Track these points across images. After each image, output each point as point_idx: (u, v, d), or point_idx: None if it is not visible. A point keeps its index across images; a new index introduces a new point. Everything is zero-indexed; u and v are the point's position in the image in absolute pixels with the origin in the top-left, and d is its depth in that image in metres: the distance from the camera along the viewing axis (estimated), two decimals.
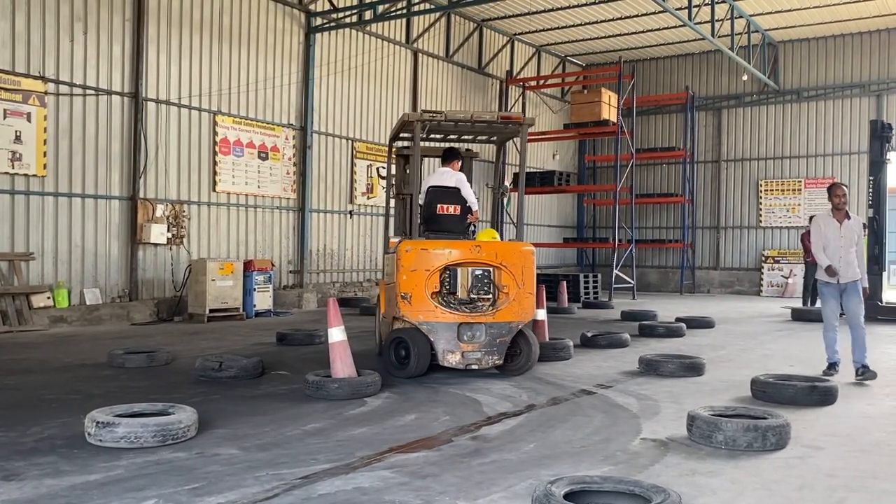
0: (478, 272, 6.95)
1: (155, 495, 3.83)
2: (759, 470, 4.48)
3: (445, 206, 7.56)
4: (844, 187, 7.95)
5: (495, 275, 7.04)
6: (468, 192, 7.95)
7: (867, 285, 8.12)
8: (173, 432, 4.82)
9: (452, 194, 7.76)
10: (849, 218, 7.88)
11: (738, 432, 4.86)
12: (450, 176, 7.86)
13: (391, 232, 9.45)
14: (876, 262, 14.20)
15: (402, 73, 18.83)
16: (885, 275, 14.84)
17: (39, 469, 4.23)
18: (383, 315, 8.11)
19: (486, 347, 6.80)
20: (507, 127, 7.94)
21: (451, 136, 8.97)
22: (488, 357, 6.85)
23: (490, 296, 7.02)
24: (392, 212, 9.77)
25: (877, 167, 14.17)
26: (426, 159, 10.38)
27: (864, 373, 7.48)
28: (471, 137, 9.12)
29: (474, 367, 6.83)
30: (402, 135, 8.67)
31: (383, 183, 18.12)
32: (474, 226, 8.12)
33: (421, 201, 7.86)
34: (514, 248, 7.21)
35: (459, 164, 8.27)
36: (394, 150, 9.37)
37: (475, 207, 8.05)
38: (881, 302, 14.27)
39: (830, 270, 7.65)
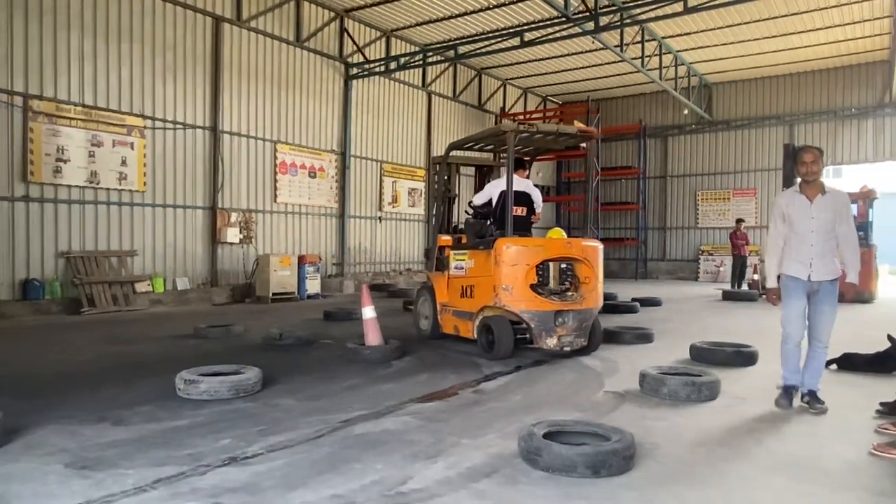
0: (563, 265, 6.46)
1: (230, 436, 3.89)
2: (696, 416, 4.51)
3: (515, 209, 6.83)
4: (818, 151, 4.72)
5: (576, 268, 6.54)
6: (537, 196, 7.43)
7: (855, 280, 4.71)
8: (244, 387, 4.89)
9: (522, 198, 7.13)
10: (824, 193, 4.63)
11: (679, 386, 4.90)
12: (519, 182, 7.07)
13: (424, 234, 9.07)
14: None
15: (419, 110, 18.83)
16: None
17: (141, 416, 4.30)
18: (443, 303, 7.46)
19: (575, 331, 6.26)
20: (581, 139, 7.51)
21: (528, 146, 8.11)
22: (577, 340, 6.33)
23: (571, 286, 6.50)
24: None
25: (788, 181, 14.06)
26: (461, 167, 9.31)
27: (811, 402, 4.65)
28: (531, 149, 8.24)
29: (567, 348, 6.31)
30: (486, 146, 8.09)
31: (408, 194, 18.33)
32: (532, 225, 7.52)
33: (479, 203, 7.42)
34: (591, 245, 6.63)
35: (526, 172, 7.68)
36: (439, 160, 8.65)
37: (539, 210, 7.52)
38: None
39: (771, 295, 4.92)
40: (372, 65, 16.19)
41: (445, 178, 8.32)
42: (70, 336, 8.13)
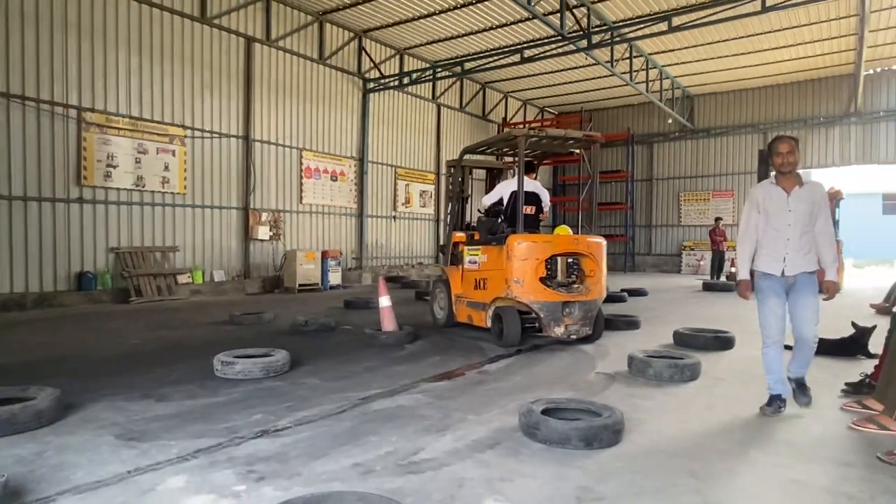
0: (569, 260, 6.26)
1: (261, 411, 3.91)
2: (678, 394, 4.50)
3: (525, 207, 6.63)
4: (793, 140, 4.07)
5: (581, 262, 6.33)
6: (545, 196, 7.22)
7: (835, 278, 4.12)
8: (274, 368, 4.91)
9: (531, 198, 6.92)
10: (802, 185, 4.02)
11: (664, 368, 4.89)
12: (528, 183, 6.82)
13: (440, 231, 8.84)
14: None
15: (429, 120, 18.80)
16: None
17: (181, 394, 4.33)
18: (457, 294, 7.32)
19: (581, 321, 6.09)
20: (588, 143, 7.15)
21: (536, 150, 7.85)
22: (582, 328, 6.14)
23: (577, 279, 6.30)
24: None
25: (762, 181, 14.02)
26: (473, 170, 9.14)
27: (796, 393, 4.12)
28: (539, 152, 8.02)
29: (574, 336, 6.13)
30: (498, 149, 7.96)
31: (420, 196, 18.34)
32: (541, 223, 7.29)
33: (489, 203, 7.25)
34: (596, 241, 6.37)
35: (535, 174, 7.40)
36: (450, 163, 8.40)
37: (547, 209, 7.30)
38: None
39: (742, 289, 4.25)
40: (387, 80, 16.18)
41: (459, 179, 8.18)
42: (119, 322, 8.20)
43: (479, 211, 7.72)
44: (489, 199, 7.33)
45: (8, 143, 9.55)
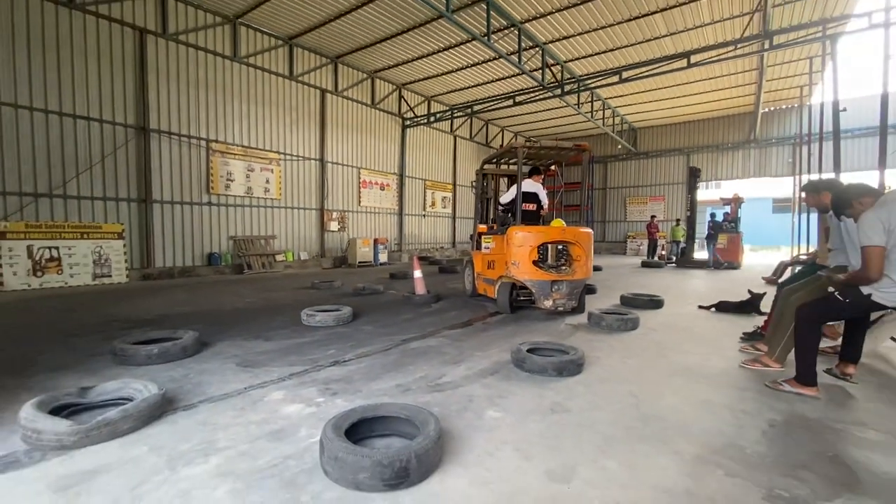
0: (559, 247, 5.65)
1: (334, 348, 3.95)
2: (623, 340, 4.45)
3: (527, 205, 6.17)
4: None
5: (570, 248, 5.65)
6: (543, 196, 6.48)
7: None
8: (342, 319, 4.91)
9: (532, 197, 6.31)
10: None
11: (613, 321, 4.82)
12: (531, 185, 6.32)
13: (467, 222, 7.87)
14: (690, 238, 13.83)
15: (447, 147, 18.60)
16: (694, 244, 14.17)
17: (280, 335, 4.38)
18: (477, 272, 6.79)
19: (567, 296, 5.45)
20: (579, 152, 6.29)
21: (531, 160, 6.98)
22: (569, 302, 5.47)
23: (566, 262, 5.64)
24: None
25: (692, 188, 13.68)
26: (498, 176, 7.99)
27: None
28: (547, 160, 7.10)
29: (561, 309, 5.47)
30: (504, 158, 7.00)
31: (441, 200, 18.25)
32: (544, 218, 6.50)
33: (505, 201, 6.44)
34: (583, 231, 5.67)
35: (540, 178, 6.62)
36: (484, 170, 7.51)
37: (545, 205, 6.51)
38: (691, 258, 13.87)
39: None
40: (418, 118, 16.03)
41: (483, 184, 7.51)
42: (236, 287, 8.32)
43: (499, 205, 7.05)
44: (505, 199, 6.66)
45: (160, 165, 9.71)
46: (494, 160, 7.34)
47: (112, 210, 9.05)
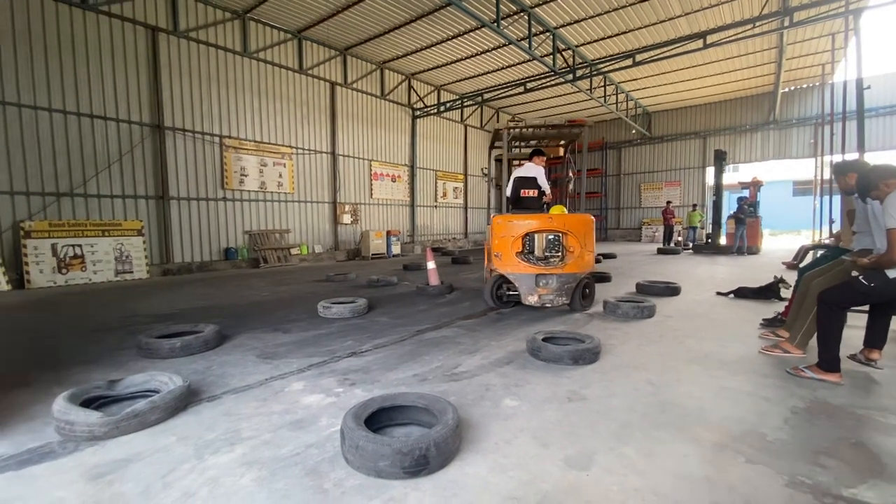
0: (550, 237, 5.03)
1: (351, 339, 4.00)
2: (639, 327, 4.42)
3: (526, 191, 5.54)
4: None
5: (564, 238, 5.03)
6: (542, 181, 5.66)
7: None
8: (357, 310, 4.95)
9: (531, 182, 5.60)
10: None
11: (629, 309, 4.78)
12: (531, 168, 5.64)
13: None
14: (717, 225, 13.48)
15: (458, 137, 18.50)
16: (721, 230, 13.77)
17: (297, 327, 4.44)
18: (487, 264, 6.33)
19: (556, 292, 4.92)
20: (571, 130, 5.64)
21: (533, 141, 6.49)
22: (558, 299, 4.94)
23: (560, 254, 5.03)
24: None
25: (718, 172, 13.31)
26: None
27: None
28: (547, 141, 6.55)
29: (548, 305, 4.97)
30: (497, 143, 6.36)
31: (453, 190, 18.21)
32: (548, 204, 5.69)
33: (508, 191, 5.83)
34: (578, 219, 5.02)
35: (543, 159, 5.78)
36: (493, 157, 7.08)
37: (547, 191, 5.67)
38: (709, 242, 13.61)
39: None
40: (428, 109, 15.94)
41: (499, 169, 6.84)
42: (253, 281, 8.41)
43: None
44: (507, 188, 6.23)
45: (176, 162, 9.85)
46: (492, 147, 6.89)
47: (131, 207, 9.24)
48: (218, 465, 2.01)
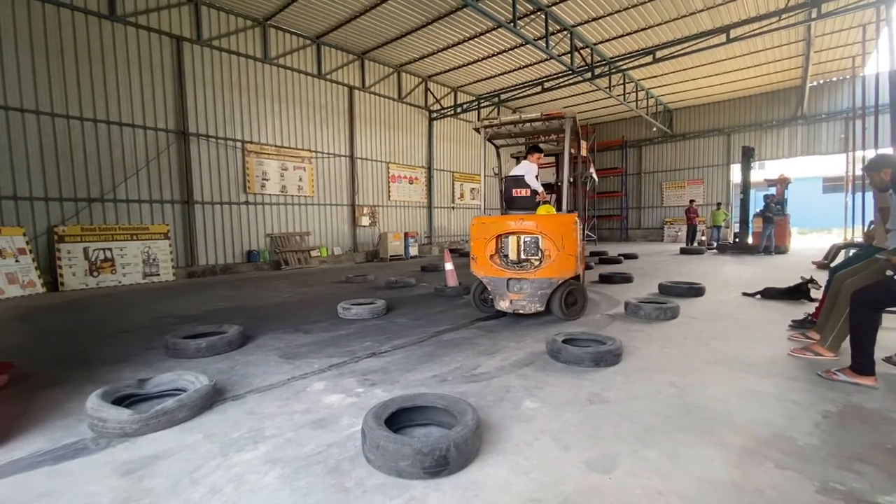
0: (527, 239, 4.70)
1: (370, 340, 4.03)
2: (663, 329, 4.34)
3: (518, 190, 5.27)
4: None
5: (541, 241, 4.65)
6: (531, 179, 5.24)
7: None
8: (377, 311, 4.99)
9: (522, 181, 5.29)
10: None
11: (652, 310, 4.70)
12: (522, 167, 5.33)
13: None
14: (745, 223, 13.14)
15: (475, 138, 18.42)
16: (749, 228, 13.36)
17: (318, 328, 4.50)
18: None
19: (530, 297, 4.56)
20: (552, 123, 5.03)
21: (520, 137, 5.94)
22: (531, 304, 4.56)
23: (539, 257, 4.67)
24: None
25: (746, 169, 12.96)
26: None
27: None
28: (537, 137, 5.88)
29: (521, 311, 4.62)
30: (496, 141, 5.95)
31: (470, 192, 18.19)
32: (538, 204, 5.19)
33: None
34: (555, 220, 4.60)
35: (538, 157, 5.39)
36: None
37: (539, 190, 5.21)
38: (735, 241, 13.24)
39: None
40: (445, 110, 15.98)
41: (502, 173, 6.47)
42: (275, 283, 8.52)
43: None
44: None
45: (200, 167, 10.12)
46: (500, 144, 6.35)
47: (157, 212, 9.52)
48: (243, 463, 2.06)
